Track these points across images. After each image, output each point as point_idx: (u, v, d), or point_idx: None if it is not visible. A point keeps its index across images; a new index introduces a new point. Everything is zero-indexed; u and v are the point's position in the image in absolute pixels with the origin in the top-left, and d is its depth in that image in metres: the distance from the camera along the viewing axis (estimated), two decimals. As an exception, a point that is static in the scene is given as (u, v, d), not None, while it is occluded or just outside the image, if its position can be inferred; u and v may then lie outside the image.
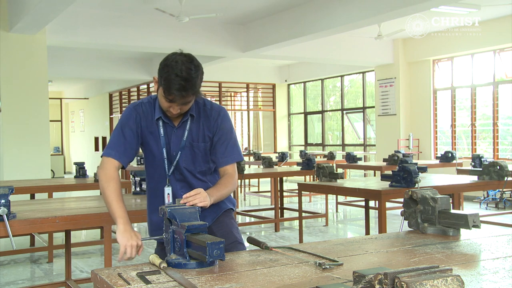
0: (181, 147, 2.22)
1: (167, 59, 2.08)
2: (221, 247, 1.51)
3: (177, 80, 2.01)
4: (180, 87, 2.02)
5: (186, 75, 2.02)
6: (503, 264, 1.55)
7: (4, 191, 2.44)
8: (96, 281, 1.49)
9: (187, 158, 2.24)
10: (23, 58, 7.53)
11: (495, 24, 8.80)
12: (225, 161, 2.28)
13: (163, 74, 2.05)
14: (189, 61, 2.06)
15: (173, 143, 2.22)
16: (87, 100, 17.71)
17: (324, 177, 4.50)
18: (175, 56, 2.07)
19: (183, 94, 2.04)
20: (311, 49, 9.79)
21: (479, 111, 9.88)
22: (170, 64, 2.04)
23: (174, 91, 2.03)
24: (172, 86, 2.02)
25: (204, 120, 2.25)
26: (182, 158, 2.23)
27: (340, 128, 13.32)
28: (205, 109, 2.26)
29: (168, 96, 2.05)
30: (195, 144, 2.23)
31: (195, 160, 2.25)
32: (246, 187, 11.26)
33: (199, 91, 2.12)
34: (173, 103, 2.08)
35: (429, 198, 2.00)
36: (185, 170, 2.25)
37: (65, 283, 4.05)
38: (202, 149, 2.25)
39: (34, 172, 7.34)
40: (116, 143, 2.18)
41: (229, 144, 2.28)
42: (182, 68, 2.02)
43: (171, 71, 2.02)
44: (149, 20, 8.37)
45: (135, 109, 2.22)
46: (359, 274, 1.15)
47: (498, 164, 4.31)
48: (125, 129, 2.19)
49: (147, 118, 2.21)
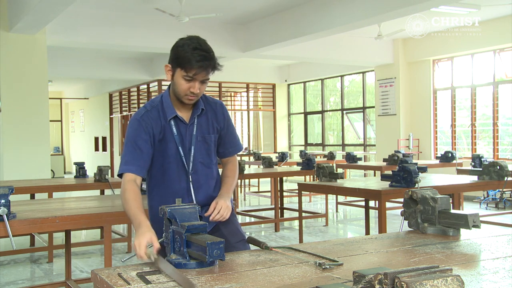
0: (193, 142, 2.22)
1: (178, 42, 2.11)
2: (221, 247, 1.50)
3: (197, 52, 2.03)
4: (201, 57, 2.03)
5: (204, 47, 2.06)
6: (503, 264, 1.55)
7: (4, 191, 2.44)
8: (96, 281, 1.49)
9: (202, 152, 2.24)
10: (23, 58, 7.53)
11: (495, 24, 8.80)
12: (233, 151, 2.37)
13: (179, 53, 2.06)
14: (201, 39, 2.11)
15: (187, 140, 2.21)
16: (87, 100, 17.71)
17: (324, 177, 4.50)
18: (185, 38, 2.11)
19: (205, 65, 2.04)
20: (311, 49, 9.79)
21: (479, 111, 9.88)
22: (184, 43, 2.07)
23: (195, 64, 2.02)
24: (192, 58, 2.02)
25: (211, 114, 2.27)
26: (197, 153, 2.23)
27: (340, 128, 13.32)
28: (209, 103, 2.29)
29: (190, 71, 2.04)
30: (207, 137, 2.25)
31: (208, 153, 2.27)
32: (246, 187, 11.26)
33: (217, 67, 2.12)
34: (195, 81, 2.07)
35: (429, 198, 2.00)
36: (201, 164, 2.24)
37: (65, 283, 4.05)
38: (213, 141, 2.28)
39: (34, 172, 7.34)
40: (134, 157, 2.11)
41: (234, 135, 2.38)
42: (199, 42, 2.07)
43: (188, 48, 2.04)
44: (149, 20, 8.36)
45: (142, 119, 2.15)
46: (359, 274, 1.15)
47: (498, 164, 4.31)
48: (139, 141, 2.12)
49: (156, 123, 2.16)
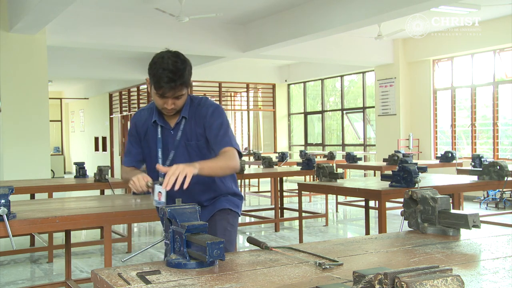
0: (175, 146, 2.29)
1: (154, 58, 2.20)
2: (221, 247, 1.51)
3: (165, 73, 2.11)
4: (168, 79, 2.11)
5: (173, 67, 2.12)
6: (503, 264, 1.55)
7: (4, 191, 2.44)
8: (96, 281, 1.49)
9: (183, 158, 2.26)
10: (23, 58, 7.53)
11: (495, 24, 8.80)
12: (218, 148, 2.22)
13: (152, 71, 2.17)
14: (175, 56, 2.17)
15: (170, 143, 2.30)
16: (87, 100, 17.71)
17: (324, 177, 4.50)
18: (162, 54, 2.19)
19: (172, 86, 2.12)
20: (311, 49, 9.79)
21: (479, 111, 9.88)
22: (157, 61, 2.16)
23: (163, 84, 2.12)
24: (161, 80, 2.12)
25: (195, 119, 2.29)
26: (177, 157, 2.27)
27: (340, 128, 13.32)
28: (197, 108, 2.30)
29: (159, 90, 2.15)
30: (188, 143, 2.29)
31: (191, 159, 2.26)
32: (246, 187, 11.26)
33: (189, 83, 2.21)
34: (166, 98, 2.17)
35: (429, 198, 2.00)
36: None
37: (65, 283, 4.05)
38: (195, 147, 2.29)
39: (34, 172, 7.34)
40: (127, 151, 2.44)
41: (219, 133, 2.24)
42: (169, 62, 2.13)
43: (159, 67, 2.14)
44: (149, 20, 8.37)
45: (135, 118, 2.43)
46: (359, 274, 1.15)
47: (498, 164, 4.30)
48: (131, 137, 2.43)
49: (144, 123, 2.37)
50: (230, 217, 2.33)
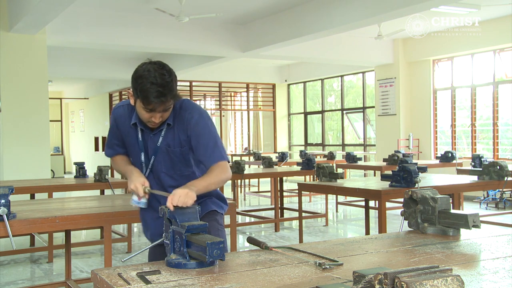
0: (155, 151, 2.22)
1: (138, 71, 2.07)
2: (221, 247, 1.51)
3: (154, 87, 2.00)
4: (158, 94, 2.00)
5: (161, 81, 2.01)
6: (503, 264, 1.56)
7: (4, 191, 2.44)
8: (96, 281, 1.49)
9: (165, 163, 2.23)
10: (23, 58, 7.53)
11: (495, 24, 8.80)
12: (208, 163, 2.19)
13: (138, 85, 2.03)
14: (160, 68, 2.05)
15: (150, 148, 2.23)
16: (87, 100, 17.70)
17: (324, 177, 4.50)
18: (146, 66, 2.06)
19: (162, 100, 2.03)
20: (311, 49, 9.79)
21: (479, 111, 9.88)
22: (142, 75, 2.03)
23: (153, 99, 2.01)
24: (150, 95, 2.01)
25: (178, 126, 2.20)
26: (158, 163, 2.23)
27: (340, 128, 13.31)
28: (179, 111, 2.20)
29: (148, 106, 2.04)
30: (171, 150, 2.21)
31: (174, 165, 2.23)
32: (246, 187, 11.26)
33: (177, 95, 2.10)
34: (154, 112, 2.07)
35: (429, 198, 2.00)
36: (164, 175, 2.25)
37: (65, 283, 4.05)
38: (179, 154, 2.22)
39: (34, 172, 7.34)
40: (108, 143, 2.41)
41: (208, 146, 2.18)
42: (156, 75, 2.01)
43: (146, 81, 2.01)
44: (149, 20, 8.36)
45: (114, 112, 2.35)
46: (359, 274, 1.15)
47: (498, 164, 4.31)
48: (112, 133, 2.38)
49: (124, 122, 2.28)
50: (218, 218, 2.32)
